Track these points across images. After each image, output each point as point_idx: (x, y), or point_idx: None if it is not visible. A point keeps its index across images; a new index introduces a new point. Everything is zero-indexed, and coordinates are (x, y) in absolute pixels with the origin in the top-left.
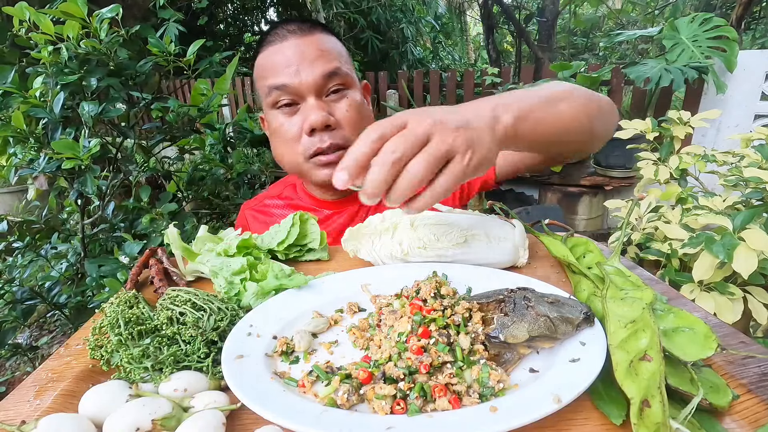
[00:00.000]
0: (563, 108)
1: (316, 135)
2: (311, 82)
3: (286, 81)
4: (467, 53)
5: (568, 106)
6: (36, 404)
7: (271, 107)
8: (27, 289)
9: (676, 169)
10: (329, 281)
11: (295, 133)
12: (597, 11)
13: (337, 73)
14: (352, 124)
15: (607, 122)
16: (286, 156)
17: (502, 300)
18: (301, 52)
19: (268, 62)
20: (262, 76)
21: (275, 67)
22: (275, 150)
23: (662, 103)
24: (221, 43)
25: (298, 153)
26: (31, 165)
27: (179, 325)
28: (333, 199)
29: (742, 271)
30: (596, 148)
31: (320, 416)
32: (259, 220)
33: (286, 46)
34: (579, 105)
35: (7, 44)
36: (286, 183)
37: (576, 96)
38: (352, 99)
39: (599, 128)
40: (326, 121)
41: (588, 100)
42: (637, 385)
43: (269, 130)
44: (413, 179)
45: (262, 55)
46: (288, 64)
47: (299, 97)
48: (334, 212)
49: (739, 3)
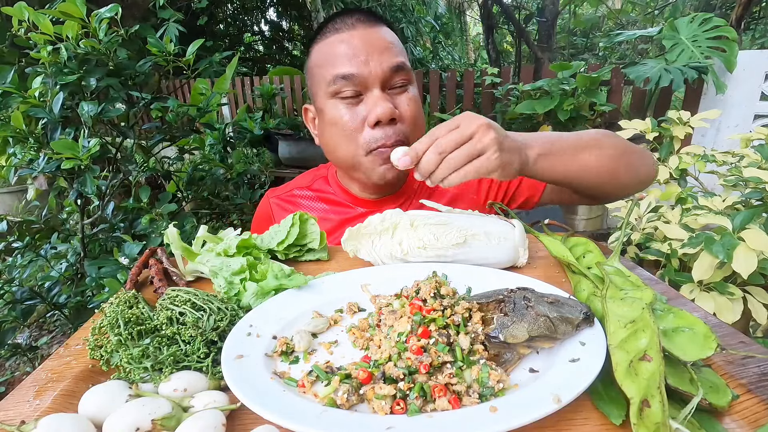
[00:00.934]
0: (585, 156)
1: (379, 128)
2: (380, 74)
3: (354, 71)
4: (467, 53)
5: (590, 155)
6: (36, 404)
7: (331, 96)
8: (27, 289)
9: (676, 169)
10: (329, 281)
11: (357, 125)
12: (597, 11)
13: (402, 68)
14: (412, 120)
15: (638, 173)
16: (343, 148)
17: (502, 300)
18: (370, 42)
19: (334, 50)
20: (325, 63)
21: (343, 55)
22: (329, 140)
23: (662, 103)
24: (221, 43)
25: (359, 145)
26: (31, 165)
27: (179, 325)
28: (374, 198)
29: (742, 271)
30: (629, 194)
31: (320, 416)
32: (286, 210)
33: (355, 36)
34: (605, 156)
35: (7, 44)
36: (317, 175)
37: (605, 146)
38: (412, 94)
39: (625, 178)
40: (392, 114)
41: (618, 152)
42: (637, 385)
43: (324, 120)
44: (450, 167)
45: (327, 41)
46: (356, 54)
47: (364, 88)
48: (368, 210)
49: (739, 3)
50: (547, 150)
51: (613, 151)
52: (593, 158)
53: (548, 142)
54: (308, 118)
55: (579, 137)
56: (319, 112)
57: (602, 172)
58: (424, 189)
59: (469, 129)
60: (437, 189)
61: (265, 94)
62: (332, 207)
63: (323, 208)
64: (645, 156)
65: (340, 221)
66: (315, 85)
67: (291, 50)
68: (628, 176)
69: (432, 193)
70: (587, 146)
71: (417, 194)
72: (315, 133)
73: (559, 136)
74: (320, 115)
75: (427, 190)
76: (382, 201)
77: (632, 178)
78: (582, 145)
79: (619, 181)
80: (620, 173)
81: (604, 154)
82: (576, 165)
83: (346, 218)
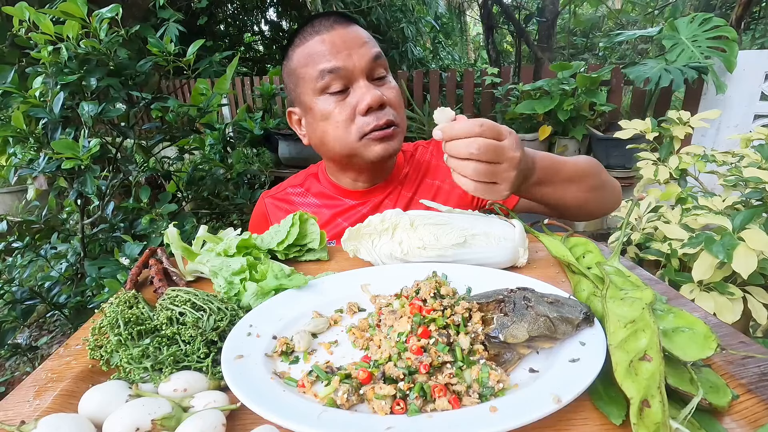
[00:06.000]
0: (573, 188)
1: (370, 114)
2: (364, 65)
3: (340, 64)
4: (467, 53)
5: (576, 187)
6: (36, 404)
7: (320, 93)
8: (27, 289)
9: (676, 169)
10: (329, 281)
11: (348, 115)
12: (597, 11)
13: (380, 57)
14: (397, 105)
15: (605, 206)
16: (339, 139)
17: (502, 300)
18: (350, 38)
19: (317, 49)
20: (310, 62)
21: (327, 52)
22: (322, 135)
23: (662, 103)
24: (221, 43)
25: (352, 133)
26: (31, 165)
27: (179, 325)
28: (364, 188)
29: (742, 271)
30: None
31: (320, 416)
32: (280, 209)
33: (335, 35)
34: (585, 187)
35: (7, 44)
36: (308, 173)
37: (590, 179)
38: (393, 84)
39: (593, 208)
40: (381, 100)
41: (597, 185)
42: (637, 385)
43: (314, 117)
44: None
45: (309, 43)
46: (339, 50)
47: (350, 80)
48: (358, 202)
49: (739, 3)
50: (547, 179)
51: (594, 183)
52: (576, 190)
53: (550, 171)
54: (293, 120)
55: (576, 167)
56: (306, 111)
57: (579, 201)
58: (411, 178)
59: (505, 156)
60: (424, 179)
61: (265, 94)
62: (323, 201)
63: (315, 202)
64: (615, 191)
65: (331, 215)
66: (300, 86)
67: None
68: (596, 207)
69: (420, 183)
70: (576, 178)
71: (404, 184)
72: (302, 134)
73: (562, 165)
74: (308, 113)
75: (415, 180)
76: (371, 191)
77: (599, 209)
78: (574, 178)
79: (587, 209)
80: (590, 205)
81: (585, 186)
82: (561, 194)
83: (336, 211)
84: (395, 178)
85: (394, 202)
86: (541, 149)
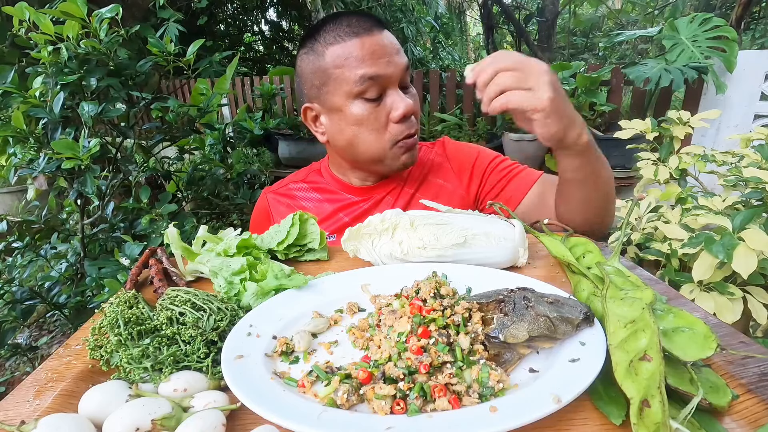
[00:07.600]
0: (604, 171)
1: (402, 123)
2: (398, 74)
3: (380, 71)
4: (467, 53)
5: (607, 173)
6: (36, 404)
7: (354, 97)
8: (27, 289)
9: (676, 169)
10: (329, 281)
11: (383, 122)
12: (597, 11)
13: (409, 68)
14: (419, 113)
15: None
16: (372, 144)
17: (502, 300)
18: (388, 45)
19: (356, 52)
20: (347, 64)
21: (368, 57)
22: (353, 138)
23: (662, 103)
24: (221, 43)
25: (386, 140)
26: (31, 165)
27: (179, 325)
28: (369, 185)
29: (742, 271)
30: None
31: (320, 416)
32: (282, 203)
33: (375, 40)
34: (609, 179)
35: (7, 44)
36: (310, 170)
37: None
38: (414, 92)
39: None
40: (413, 109)
41: (610, 191)
42: (637, 385)
43: (345, 119)
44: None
45: (347, 44)
46: (380, 56)
47: (384, 87)
48: (360, 198)
49: (739, 3)
50: (593, 147)
51: (607, 190)
52: (605, 173)
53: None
54: (309, 116)
55: (607, 166)
56: (333, 111)
57: (599, 198)
58: (414, 176)
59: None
60: (428, 177)
61: (265, 94)
62: (325, 195)
63: (317, 197)
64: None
65: (333, 209)
66: (330, 85)
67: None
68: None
69: (423, 181)
70: (606, 172)
71: (407, 181)
72: (318, 131)
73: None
74: (335, 114)
75: (418, 178)
76: (374, 187)
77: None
78: (605, 166)
79: (596, 213)
80: (600, 209)
81: (608, 177)
82: (595, 177)
83: (338, 206)
84: (399, 175)
85: (396, 198)
86: (542, 149)
